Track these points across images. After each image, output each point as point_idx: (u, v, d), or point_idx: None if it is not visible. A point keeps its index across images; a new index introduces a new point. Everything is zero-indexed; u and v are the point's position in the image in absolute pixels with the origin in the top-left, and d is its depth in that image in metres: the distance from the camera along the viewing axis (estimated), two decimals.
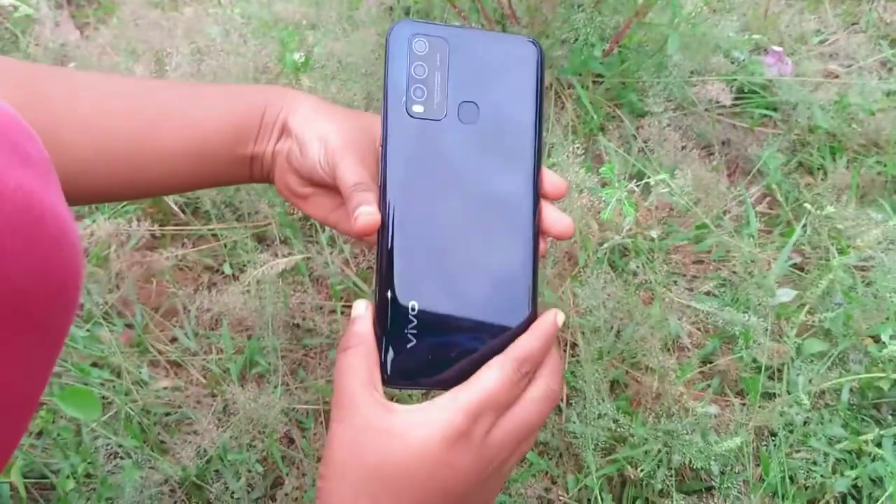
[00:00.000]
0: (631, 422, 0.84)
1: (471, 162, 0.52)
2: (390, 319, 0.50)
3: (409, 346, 0.51)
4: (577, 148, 0.92)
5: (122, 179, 0.58)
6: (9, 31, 1.22)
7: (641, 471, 0.82)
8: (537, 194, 0.53)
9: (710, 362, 0.92)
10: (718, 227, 0.99)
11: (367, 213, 0.50)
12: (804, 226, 0.97)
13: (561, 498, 0.83)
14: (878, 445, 0.83)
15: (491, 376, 0.49)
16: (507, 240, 0.52)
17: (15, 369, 0.34)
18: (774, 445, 0.83)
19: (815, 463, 0.83)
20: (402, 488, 0.47)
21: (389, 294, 0.50)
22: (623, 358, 0.90)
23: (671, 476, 0.82)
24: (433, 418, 0.47)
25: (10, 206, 0.32)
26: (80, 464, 0.84)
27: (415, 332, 0.51)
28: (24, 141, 0.35)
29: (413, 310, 0.51)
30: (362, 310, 0.52)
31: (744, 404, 0.88)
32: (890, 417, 0.87)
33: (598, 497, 0.81)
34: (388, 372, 0.50)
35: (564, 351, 0.91)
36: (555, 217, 0.53)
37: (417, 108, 0.52)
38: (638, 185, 0.82)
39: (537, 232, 0.53)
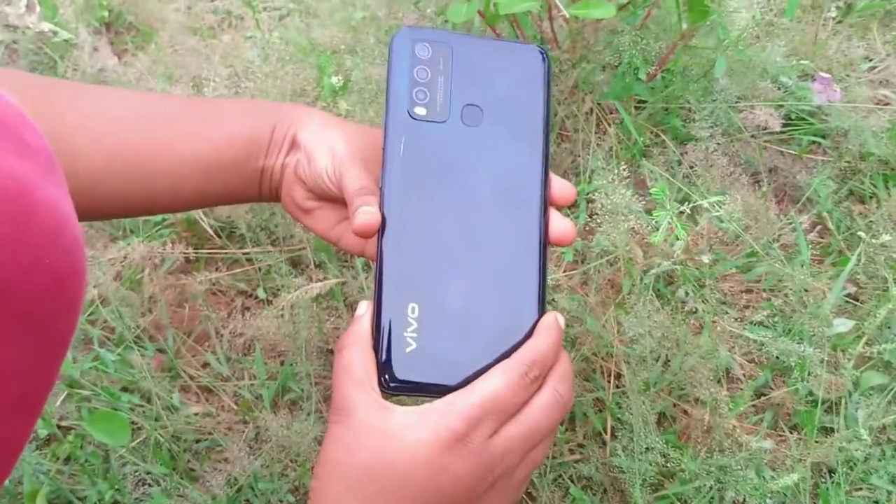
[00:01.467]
0: (680, 456, 0.80)
1: (475, 164, 0.51)
2: (389, 322, 0.48)
3: (408, 350, 0.48)
4: (623, 170, 0.89)
5: (133, 192, 0.58)
6: (48, 56, 1.23)
7: None
8: (545, 199, 0.51)
9: (763, 395, 0.87)
10: (768, 255, 0.95)
11: (366, 212, 0.49)
12: (859, 255, 0.93)
13: None
14: None
15: (493, 381, 0.47)
16: (513, 244, 0.50)
17: (5, 363, 0.32)
18: (833, 483, 0.79)
19: (877, 502, 0.79)
20: (395, 489, 0.45)
21: (388, 296, 0.49)
22: (671, 389, 0.86)
23: None
24: (429, 420, 0.45)
25: (2, 191, 0.30)
26: (107, 491, 0.82)
27: (414, 335, 0.48)
28: (22, 130, 0.33)
29: (413, 312, 0.48)
30: (363, 309, 0.51)
31: (800, 439, 0.83)
32: None
33: None
34: (386, 377, 0.48)
35: (608, 381, 0.88)
36: (555, 221, 0.52)
37: (420, 111, 0.51)
38: (687, 209, 0.79)
39: (545, 237, 0.51)
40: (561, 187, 0.52)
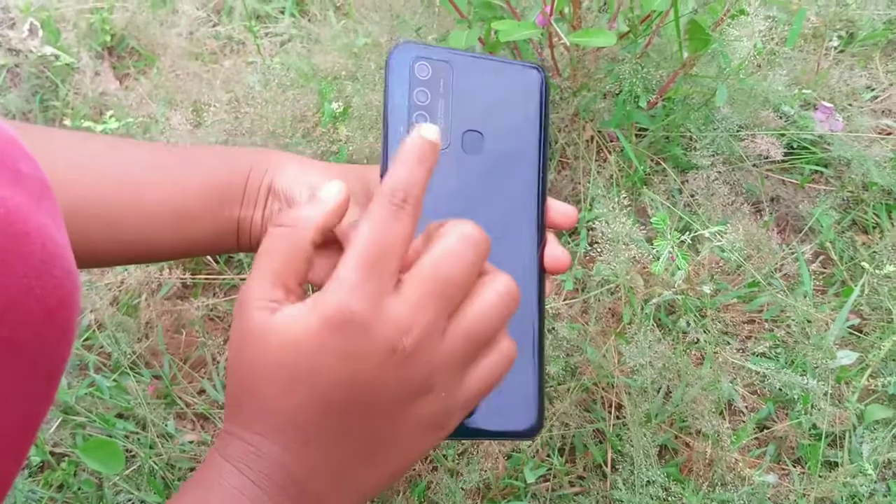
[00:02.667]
0: (682, 490, 0.78)
1: (474, 194, 0.49)
2: None
3: None
4: (624, 198, 0.88)
5: (101, 240, 0.54)
6: (49, 80, 1.23)
7: None
8: (541, 226, 0.49)
9: (766, 428, 0.86)
10: (770, 285, 0.94)
11: None
12: (862, 286, 0.92)
13: None
14: None
15: (359, 231, 0.38)
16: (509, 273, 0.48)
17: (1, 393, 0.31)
18: None
19: None
20: (260, 387, 0.38)
21: None
22: (672, 421, 0.85)
23: None
24: (311, 304, 0.38)
25: None
26: None
27: None
28: (16, 158, 0.33)
29: None
30: (329, 192, 0.43)
31: (803, 474, 0.82)
32: None
33: None
34: None
35: (609, 412, 0.87)
36: (550, 249, 0.48)
37: None
38: (688, 239, 0.78)
39: (542, 269, 0.49)
40: (563, 211, 0.49)
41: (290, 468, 0.39)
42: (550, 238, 0.49)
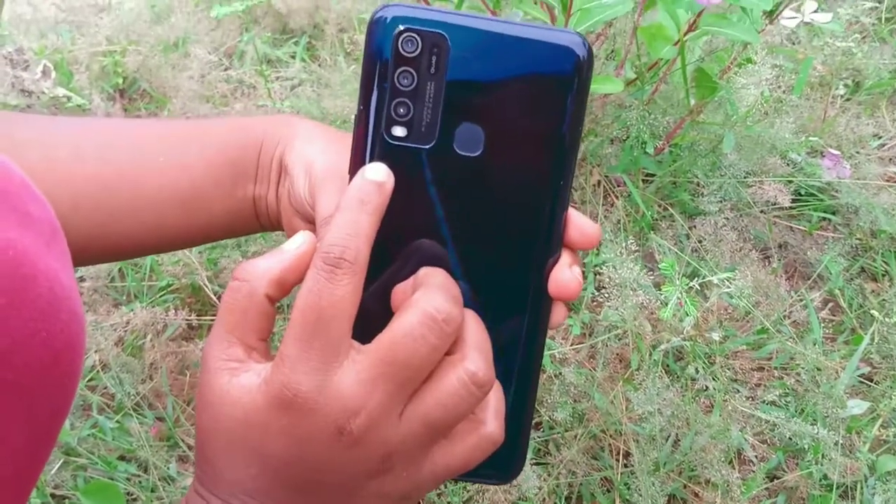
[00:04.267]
0: None
1: (467, 204, 0.39)
2: None
3: None
4: (631, 244, 0.88)
5: (104, 233, 0.50)
6: None
7: None
8: (552, 246, 0.40)
9: (777, 478, 0.85)
10: (780, 332, 0.94)
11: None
12: (872, 334, 0.91)
13: None
14: None
15: (299, 294, 0.36)
16: (504, 309, 0.40)
17: (4, 436, 0.31)
18: None
19: None
20: (216, 454, 0.38)
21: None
22: (681, 470, 0.84)
23: None
24: (258, 380, 0.36)
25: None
26: None
27: None
28: (26, 200, 0.33)
29: None
30: (294, 243, 0.39)
31: None
32: None
33: None
34: None
35: (617, 460, 0.86)
36: (558, 270, 0.40)
37: (398, 131, 0.38)
38: (696, 285, 0.78)
39: (544, 293, 0.40)
40: (581, 226, 0.40)
41: None
42: (563, 258, 0.40)
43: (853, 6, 1.19)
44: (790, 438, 0.83)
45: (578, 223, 0.40)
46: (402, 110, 0.38)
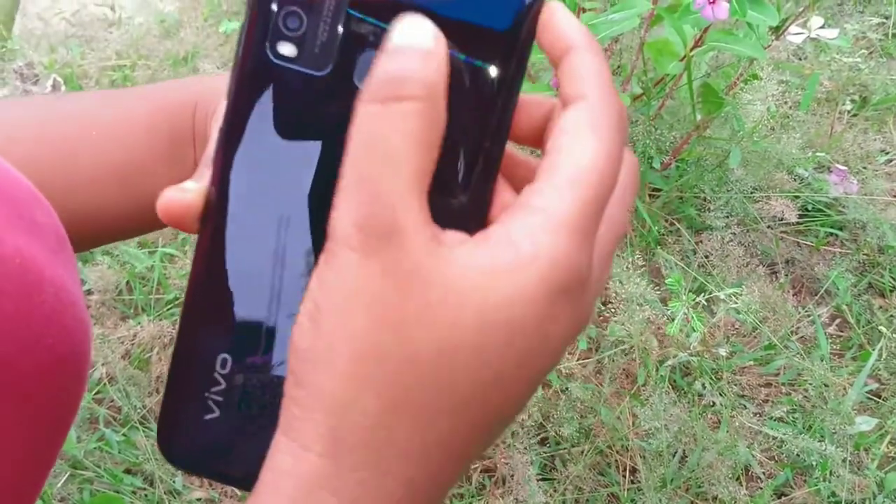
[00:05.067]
0: None
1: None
2: (186, 375, 0.31)
3: (207, 417, 0.30)
4: (637, 259, 0.88)
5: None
6: None
7: None
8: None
9: (784, 494, 0.84)
10: (787, 348, 0.93)
11: (177, 190, 0.29)
12: (880, 350, 0.91)
13: None
14: None
15: (589, 146, 0.25)
16: None
17: (6, 447, 0.31)
18: None
19: None
20: (476, 389, 0.24)
21: (188, 336, 0.31)
22: (688, 486, 0.84)
23: None
24: (533, 252, 0.23)
25: (5, 269, 0.30)
26: None
27: (219, 399, 0.30)
28: (32, 208, 0.33)
29: (223, 367, 0.30)
30: (427, 36, 0.25)
31: None
32: None
33: None
34: (171, 449, 0.31)
35: (623, 476, 0.85)
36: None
37: (285, 49, 0.29)
38: (702, 300, 0.78)
39: None
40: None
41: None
42: None
43: (860, 22, 1.19)
44: (798, 455, 0.82)
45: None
46: (292, 23, 0.29)
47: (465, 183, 0.27)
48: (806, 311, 0.98)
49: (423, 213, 0.24)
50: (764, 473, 0.85)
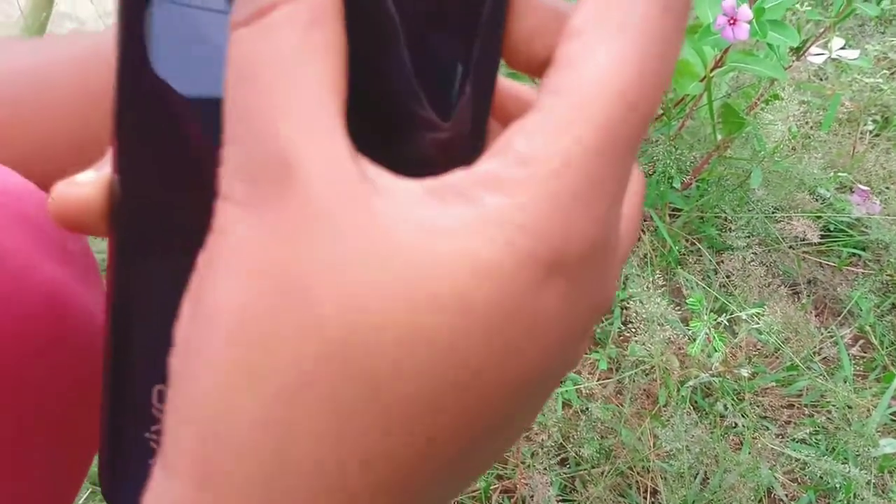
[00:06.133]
0: None
1: None
2: (119, 416, 0.25)
3: (151, 461, 0.24)
4: (658, 278, 0.88)
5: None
6: None
7: None
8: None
9: None
10: (809, 369, 0.93)
11: (68, 185, 0.21)
12: None
13: None
14: None
15: (615, 52, 0.16)
16: None
17: (33, 470, 0.31)
18: None
19: None
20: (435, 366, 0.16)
21: (115, 371, 0.24)
22: None
23: None
24: (499, 211, 0.16)
25: (35, 298, 0.30)
26: None
27: (160, 438, 0.22)
28: (64, 235, 0.33)
29: (160, 399, 0.23)
30: None
31: None
32: None
33: None
34: (116, 498, 0.24)
35: (644, 498, 0.85)
36: None
37: None
38: (724, 320, 0.77)
39: None
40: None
41: None
42: None
43: (881, 42, 1.19)
44: (821, 477, 0.81)
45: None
46: None
47: (444, 110, 0.19)
48: (829, 332, 0.98)
49: (336, 146, 0.17)
50: (787, 496, 0.84)
